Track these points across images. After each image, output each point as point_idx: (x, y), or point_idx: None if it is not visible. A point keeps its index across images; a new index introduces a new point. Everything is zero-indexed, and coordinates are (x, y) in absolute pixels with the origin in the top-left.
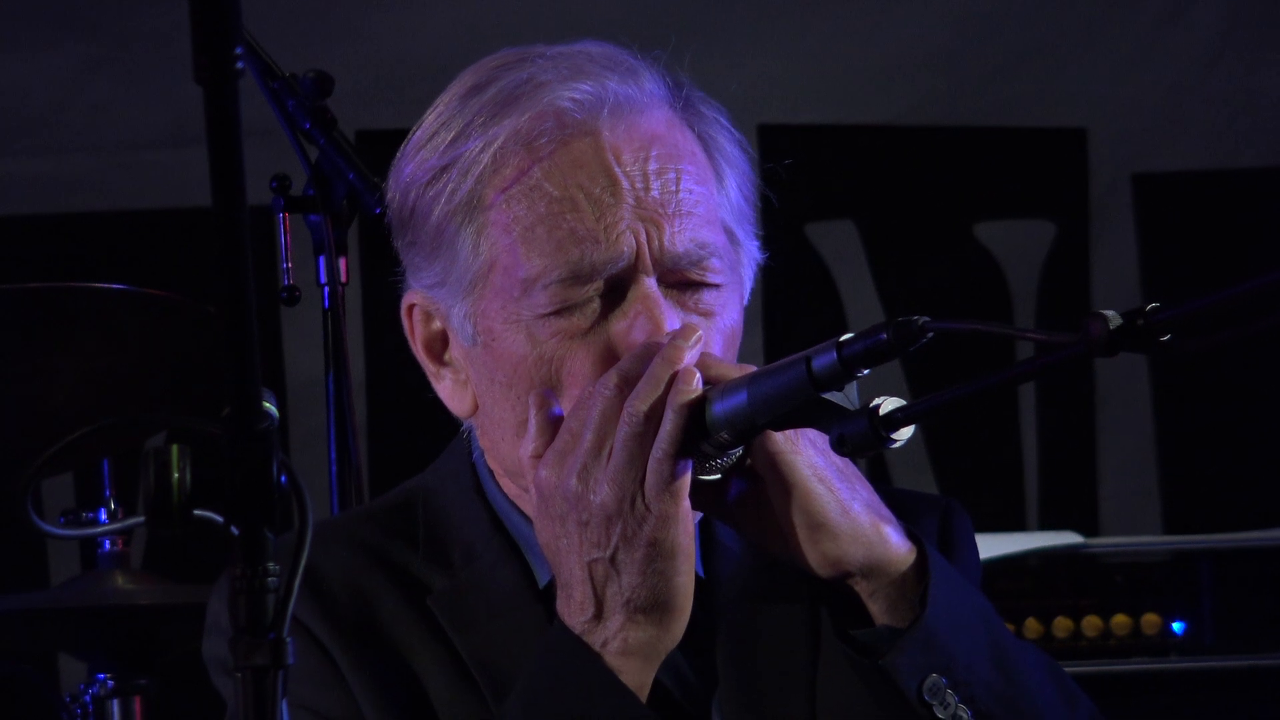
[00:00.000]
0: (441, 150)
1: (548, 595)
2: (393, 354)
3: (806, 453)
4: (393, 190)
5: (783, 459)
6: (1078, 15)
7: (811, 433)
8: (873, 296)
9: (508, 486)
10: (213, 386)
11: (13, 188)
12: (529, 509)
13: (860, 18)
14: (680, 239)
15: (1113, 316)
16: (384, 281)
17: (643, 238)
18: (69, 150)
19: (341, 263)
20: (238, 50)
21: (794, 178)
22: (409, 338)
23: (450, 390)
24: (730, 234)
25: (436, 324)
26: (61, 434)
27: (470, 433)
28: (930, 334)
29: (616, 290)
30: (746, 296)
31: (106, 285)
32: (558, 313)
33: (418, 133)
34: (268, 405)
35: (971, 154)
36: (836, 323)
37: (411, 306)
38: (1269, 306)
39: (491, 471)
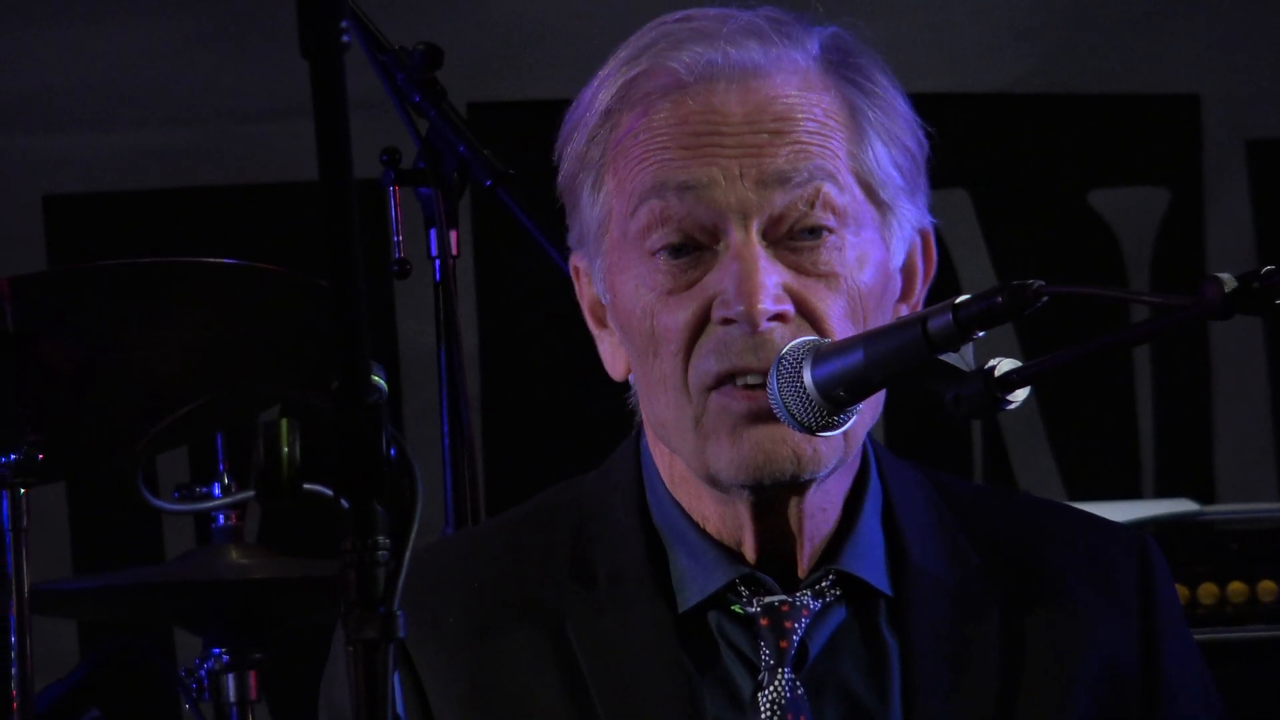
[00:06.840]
0: (581, 108)
1: (685, 624)
2: (506, 327)
3: None
4: (556, 150)
5: None
6: None
7: None
8: (987, 265)
9: (679, 489)
10: (325, 361)
11: (120, 161)
12: (697, 512)
13: None
14: (784, 194)
15: (1228, 279)
16: (495, 254)
17: (743, 193)
18: (177, 123)
19: (452, 235)
20: (344, 24)
21: None
22: (579, 300)
23: (607, 352)
24: (870, 193)
25: (594, 285)
26: (173, 409)
27: (640, 434)
28: (1045, 297)
29: (719, 245)
30: (900, 260)
31: (217, 260)
32: (657, 267)
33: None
34: (376, 378)
35: (1084, 121)
36: (950, 292)
37: (577, 269)
38: None
39: (660, 473)
